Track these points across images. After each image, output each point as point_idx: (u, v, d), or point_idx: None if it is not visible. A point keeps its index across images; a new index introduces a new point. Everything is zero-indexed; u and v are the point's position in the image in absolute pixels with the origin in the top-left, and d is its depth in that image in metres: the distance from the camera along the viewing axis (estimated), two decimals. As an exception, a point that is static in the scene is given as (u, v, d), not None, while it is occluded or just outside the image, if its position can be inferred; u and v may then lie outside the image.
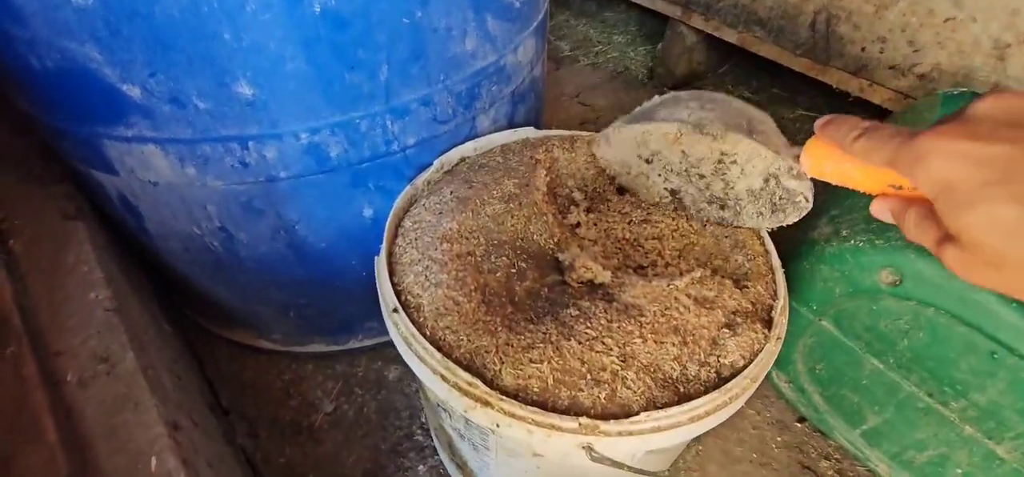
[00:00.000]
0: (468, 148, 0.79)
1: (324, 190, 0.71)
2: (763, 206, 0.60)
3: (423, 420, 0.92)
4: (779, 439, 0.94)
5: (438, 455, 0.87)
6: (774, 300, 0.61)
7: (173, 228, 0.74)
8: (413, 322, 0.56)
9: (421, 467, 0.85)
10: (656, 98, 0.64)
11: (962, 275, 0.31)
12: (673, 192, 0.67)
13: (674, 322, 0.59)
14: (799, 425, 0.95)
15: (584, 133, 0.81)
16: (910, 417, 0.75)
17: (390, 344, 1.00)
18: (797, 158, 0.50)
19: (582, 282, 0.63)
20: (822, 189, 0.55)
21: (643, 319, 0.56)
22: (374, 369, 0.98)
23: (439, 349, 0.54)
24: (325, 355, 0.97)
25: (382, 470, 0.85)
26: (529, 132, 0.82)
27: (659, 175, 0.66)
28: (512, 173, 0.73)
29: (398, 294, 0.60)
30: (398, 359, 0.99)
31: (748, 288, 0.60)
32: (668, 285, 0.59)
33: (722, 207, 0.64)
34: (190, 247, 0.77)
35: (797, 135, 1.56)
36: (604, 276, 0.61)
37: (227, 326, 0.98)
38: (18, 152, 0.77)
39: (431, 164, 0.75)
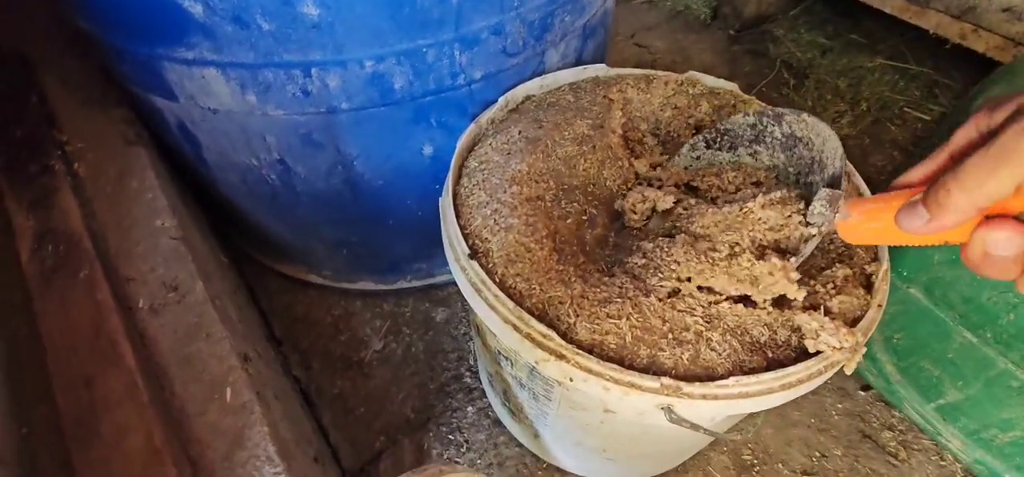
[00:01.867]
0: (533, 86, 0.74)
1: (385, 124, 0.68)
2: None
3: (471, 363, 0.91)
4: (840, 406, 0.90)
5: (487, 398, 0.86)
6: (874, 262, 0.56)
7: (231, 159, 0.72)
8: (483, 268, 0.54)
9: (470, 408, 0.85)
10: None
11: None
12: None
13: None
14: (863, 393, 0.91)
15: (660, 73, 0.75)
16: (999, 395, 0.69)
17: (437, 286, 0.99)
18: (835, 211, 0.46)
19: (644, 216, 0.59)
20: (926, 138, 0.49)
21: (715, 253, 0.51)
22: (421, 310, 0.97)
23: (511, 297, 0.52)
24: (373, 293, 0.97)
25: (431, 408, 0.85)
26: (600, 69, 0.76)
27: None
28: (584, 113, 0.68)
29: (466, 237, 0.57)
30: (446, 301, 0.98)
31: (847, 260, 0.55)
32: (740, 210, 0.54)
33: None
34: (247, 179, 0.75)
35: (876, 86, 1.43)
36: (666, 202, 0.57)
37: (279, 260, 0.98)
38: (78, 75, 0.75)
39: (495, 101, 0.70)
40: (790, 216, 0.51)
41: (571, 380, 0.48)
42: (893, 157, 1.32)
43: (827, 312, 0.50)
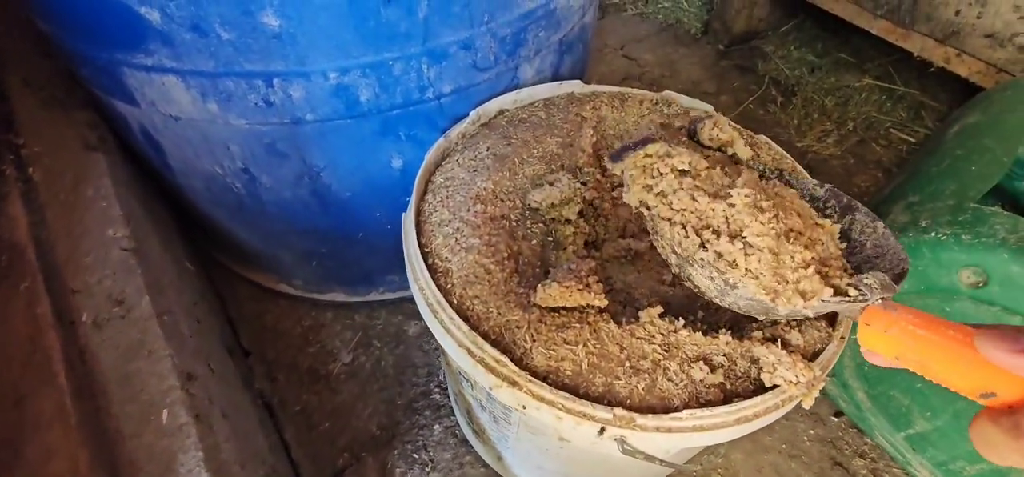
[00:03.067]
0: (508, 100, 0.73)
1: (351, 136, 0.66)
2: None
3: (441, 379, 0.90)
4: (812, 432, 0.89)
5: (455, 416, 0.85)
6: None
7: (195, 166, 0.71)
8: (440, 288, 0.53)
9: (437, 426, 0.83)
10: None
11: None
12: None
13: (726, 316, 0.54)
14: (835, 419, 0.90)
15: (635, 91, 0.74)
16: (966, 428, 0.69)
17: (411, 299, 0.97)
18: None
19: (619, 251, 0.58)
20: (897, 168, 0.47)
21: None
22: (393, 323, 0.96)
23: (467, 320, 0.51)
24: (345, 305, 0.95)
25: (397, 425, 0.83)
26: (575, 86, 0.75)
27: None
28: (555, 130, 0.67)
29: (425, 256, 0.56)
30: (418, 314, 0.97)
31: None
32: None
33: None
34: (212, 187, 0.74)
35: (863, 106, 1.44)
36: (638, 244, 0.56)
37: (249, 267, 0.96)
38: (43, 75, 0.74)
39: (467, 115, 0.69)
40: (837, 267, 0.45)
41: (524, 407, 0.47)
42: (877, 178, 1.31)
43: (786, 345, 0.49)
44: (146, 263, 0.55)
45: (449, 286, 0.53)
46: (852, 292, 0.40)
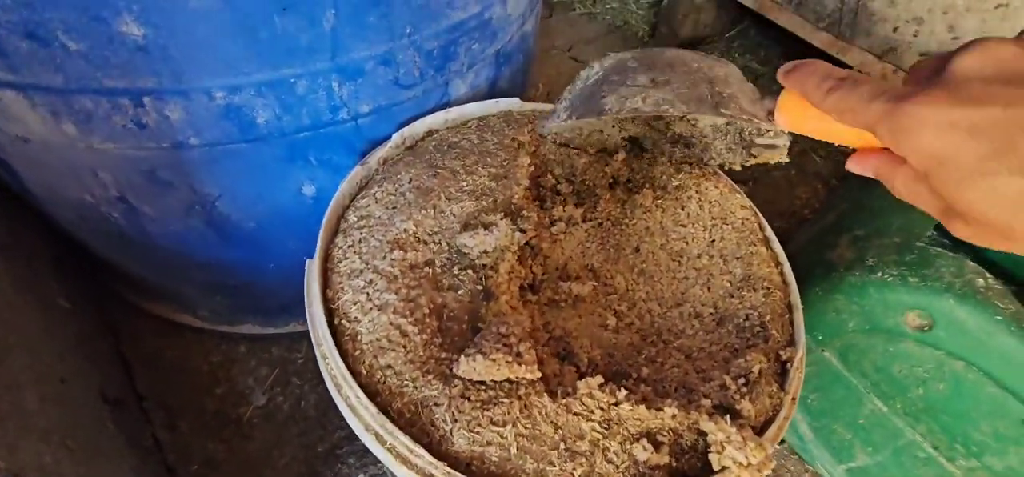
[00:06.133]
0: (437, 119, 0.65)
1: (250, 162, 0.57)
2: (731, 142, 0.56)
3: (372, 418, 0.81)
4: (757, 458, 0.87)
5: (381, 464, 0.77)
6: (790, 348, 0.51)
7: (60, 194, 0.59)
8: (346, 356, 0.45)
9: (362, 475, 0.75)
10: (597, 66, 0.52)
11: (977, 243, 0.29)
12: (632, 140, 0.63)
13: (672, 374, 0.49)
14: (779, 445, 0.89)
15: (576, 113, 0.68)
16: (907, 465, 0.68)
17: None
18: (771, 114, 0.43)
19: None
20: (837, 181, 0.46)
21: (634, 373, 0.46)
22: (315, 357, 0.86)
23: (376, 396, 0.43)
24: (260, 337, 0.85)
25: (317, 475, 0.75)
26: (513, 105, 0.68)
27: (614, 127, 0.61)
28: (488, 158, 0.59)
29: (331, 316, 0.47)
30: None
31: (761, 344, 0.50)
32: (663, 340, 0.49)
33: (687, 146, 0.60)
34: (85, 216, 0.62)
35: (803, 117, 1.44)
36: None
37: (146, 298, 0.84)
38: None
39: (390, 137, 0.61)
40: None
41: (444, 502, 0.40)
42: (817, 190, 1.32)
43: (736, 416, 0.44)
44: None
45: (357, 353, 0.45)
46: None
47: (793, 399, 0.49)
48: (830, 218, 0.80)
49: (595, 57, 0.60)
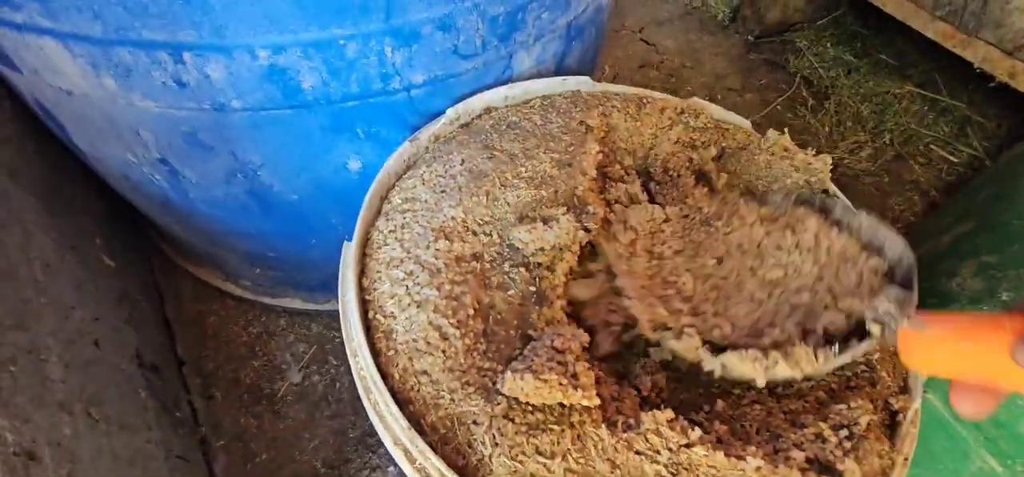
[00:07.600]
0: (497, 96, 0.59)
1: (294, 130, 0.53)
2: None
3: (408, 407, 0.78)
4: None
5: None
6: (903, 396, 0.42)
7: (104, 151, 0.58)
8: (377, 357, 0.40)
9: (392, 469, 0.72)
10: None
11: None
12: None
13: (753, 412, 0.41)
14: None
15: (655, 94, 0.60)
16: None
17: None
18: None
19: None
20: (954, 184, 0.36)
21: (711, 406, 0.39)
22: (360, 335, 0.83)
23: (408, 406, 0.38)
24: (301, 312, 0.82)
25: (346, 463, 0.72)
26: (582, 84, 0.61)
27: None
28: (551, 142, 0.53)
29: (365, 308, 0.43)
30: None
31: (867, 387, 0.41)
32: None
33: None
34: (129, 176, 0.60)
35: (903, 116, 1.28)
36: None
37: (191, 261, 0.83)
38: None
39: (444, 113, 0.55)
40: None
41: (477, 537, 0.34)
42: (913, 201, 1.17)
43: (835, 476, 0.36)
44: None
45: (390, 353, 0.40)
46: (874, 329, 0.35)
47: (906, 460, 0.40)
48: (945, 240, 0.68)
49: (669, 41, 0.52)
